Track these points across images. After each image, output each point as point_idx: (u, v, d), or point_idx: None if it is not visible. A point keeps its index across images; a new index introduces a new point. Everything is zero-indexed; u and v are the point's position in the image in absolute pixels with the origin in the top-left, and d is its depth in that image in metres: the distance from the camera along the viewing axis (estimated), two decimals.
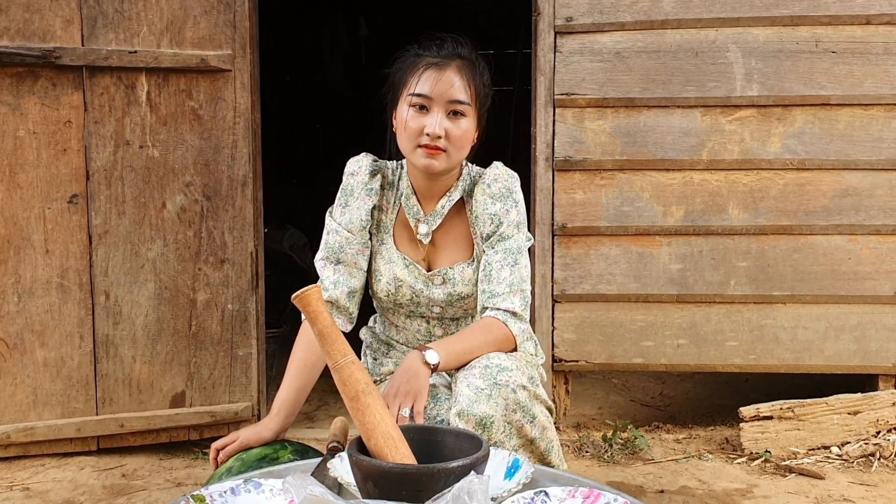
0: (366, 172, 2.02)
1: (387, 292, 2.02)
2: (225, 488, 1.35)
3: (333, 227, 2.02)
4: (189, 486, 2.69)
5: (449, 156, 1.90)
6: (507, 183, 1.99)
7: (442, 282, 2.00)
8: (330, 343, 1.37)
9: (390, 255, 2.02)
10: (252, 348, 3.01)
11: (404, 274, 2.00)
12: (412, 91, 1.89)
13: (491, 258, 1.94)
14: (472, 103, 1.90)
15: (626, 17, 3.17)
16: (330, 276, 2.00)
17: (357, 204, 2.01)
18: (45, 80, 2.75)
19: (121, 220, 2.86)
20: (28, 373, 2.83)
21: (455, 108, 1.88)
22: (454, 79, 1.88)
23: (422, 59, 1.92)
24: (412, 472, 1.23)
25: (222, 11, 2.88)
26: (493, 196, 1.96)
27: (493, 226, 1.95)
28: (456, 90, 1.88)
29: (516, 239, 1.95)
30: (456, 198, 2.01)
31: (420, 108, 1.89)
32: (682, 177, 3.21)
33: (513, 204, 1.97)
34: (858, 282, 3.19)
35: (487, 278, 1.93)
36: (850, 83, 3.14)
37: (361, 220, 2.00)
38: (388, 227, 2.05)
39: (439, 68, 1.89)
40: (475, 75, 1.92)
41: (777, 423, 2.99)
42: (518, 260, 1.93)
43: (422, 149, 1.89)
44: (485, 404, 1.71)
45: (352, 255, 2.00)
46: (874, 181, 3.17)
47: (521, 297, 1.91)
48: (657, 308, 3.25)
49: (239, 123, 2.92)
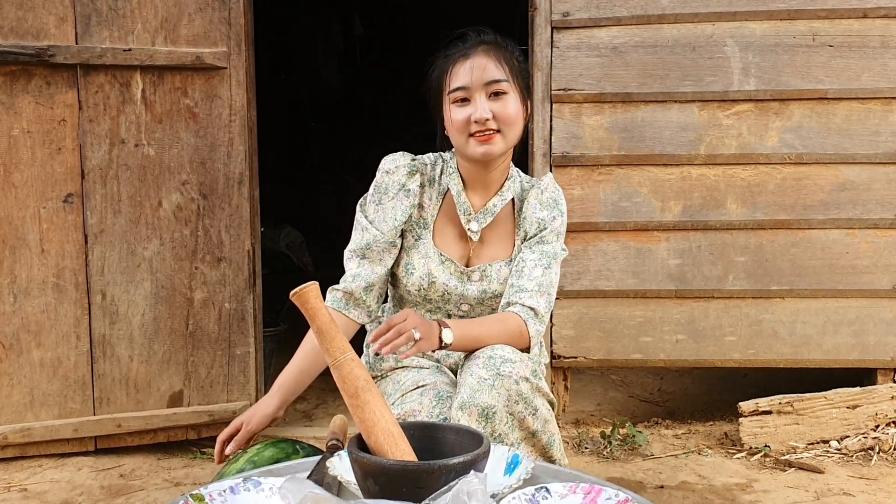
0: (403, 172, 2.01)
1: (419, 287, 2.01)
2: (224, 487, 1.34)
3: (364, 223, 2.01)
4: (187, 486, 2.68)
5: (504, 135, 1.91)
6: (556, 195, 2.04)
7: (479, 278, 2.00)
8: (329, 340, 1.36)
9: (427, 250, 2.01)
10: (250, 347, 3.00)
11: (439, 270, 1.99)
12: (450, 88, 1.91)
13: (526, 256, 1.96)
14: (510, 80, 1.90)
15: (623, 11, 3.17)
16: (353, 269, 2.00)
17: (392, 204, 2.00)
18: (39, 78, 2.74)
19: (116, 219, 2.84)
20: (24, 373, 2.81)
21: (495, 89, 1.89)
22: (485, 62, 1.89)
23: (451, 58, 1.94)
24: (413, 469, 1.22)
25: (217, 8, 2.87)
26: (543, 203, 2.01)
27: (538, 229, 1.99)
28: (490, 71, 1.89)
29: (554, 246, 1.99)
30: (508, 198, 2.03)
31: (462, 101, 1.90)
32: (680, 172, 3.20)
33: (559, 213, 2.01)
34: (856, 276, 3.19)
35: (518, 273, 1.94)
36: (847, 77, 3.14)
37: (395, 221, 1.99)
38: (428, 223, 2.03)
39: (467, 58, 1.91)
40: (506, 53, 1.93)
41: (776, 418, 2.98)
42: (551, 265, 1.96)
43: (474, 138, 1.89)
44: (487, 394, 1.71)
45: (377, 252, 2.00)
46: (872, 175, 3.16)
47: (547, 300, 1.93)
48: (655, 304, 3.24)
49: (235, 121, 2.91)
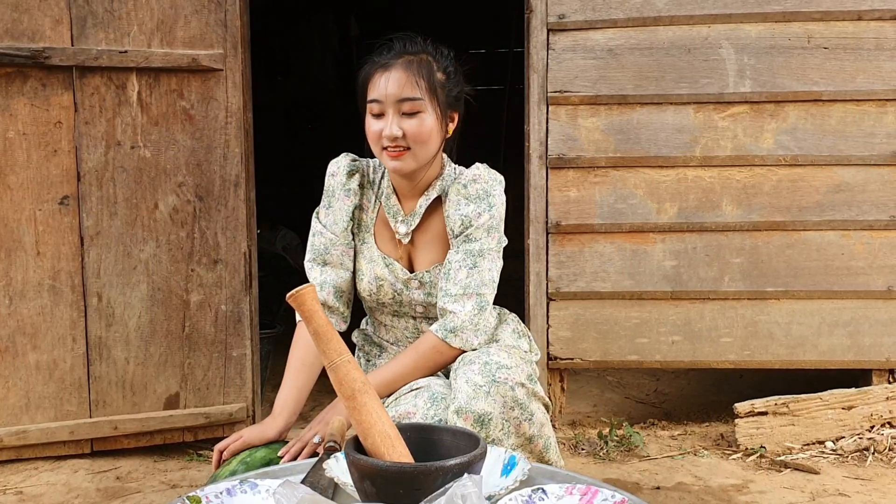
0: (343, 173, 2.03)
1: (369, 291, 2.02)
2: (221, 489, 1.34)
3: (318, 228, 2.03)
4: (184, 488, 2.68)
5: (414, 154, 1.88)
6: (487, 186, 1.94)
7: (419, 285, 2.00)
8: (325, 342, 1.36)
9: (371, 254, 2.02)
10: (246, 349, 3.00)
11: (385, 273, 2.00)
12: (367, 99, 1.90)
13: (452, 258, 1.94)
14: (425, 97, 1.87)
15: (619, 14, 3.17)
16: (317, 278, 2.01)
17: (338, 205, 2.02)
18: (34, 80, 2.74)
19: (112, 221, 2.84)
20: (20, 376, 2.81)
21: (407, 108, 1.86)
22: (401, 77, 1.86)
23: (374, 65, 1.91)
24: (409, 471, 1.22)
25: (213, 11, 2.87)
26: (467, 197, 1.94)
27: (463, 227, 1.93)
28: (404, 88, 1.85)
29: (482, 242, 1.92)
30: (433, 196, 1.99)
31: (377, 114, 1.89)
32: (676, 174, 3.21)
33: (487, 207, 1.92)
34: (852, 277, 3.20)
35: (445, 277, 1.93)
36: (842, 79, 3.15)
37: (343, 222, 2.01)
38: (369, 226, 2.05)
39: (385, 70, 1.88)
40: (426, 69, 1.89)
41: (772, 419, 2.99)
42: (478, 263, 1.91)
43: (386, 152, 1.89)
44: (483, 401, 1.71)
45: (337, 255, 2.01)
46: (866, 177, 3.17)
47: (475, 302, 1.89)
48: (651, 305, 3.25)
49: (231, 123, 2.91)
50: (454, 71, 1.96)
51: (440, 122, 1.91)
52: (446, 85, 1.93)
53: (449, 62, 1.96)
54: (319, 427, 1.86)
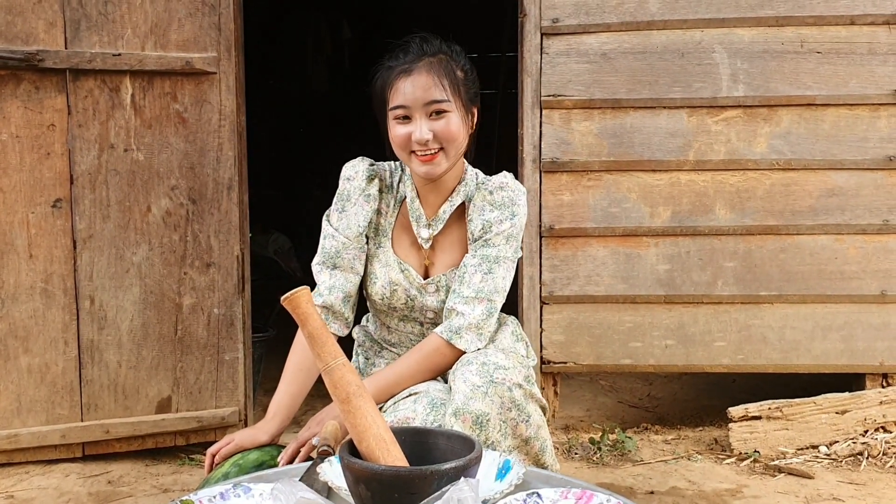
0: (363, 178, 2.01)
1: (381, 296, 2.01)
2: (214, 493, 1.33)
3: (330, 231, 2.01)
4: (176, 492, 2.66)
5: (446, 153, 1.89)
6: (513, 195, 1.96)
7: (435, 290, 1.99)
8: (320, 345, 1.35)
9: (387, 258, 2.01)
10: (238, 353, 2.99)
11: (400, 278, 2.00)
12: (391, 105, 1.89)
13: (468, 261, 1.94)
14: (451, 98, 1.88)
15: (612, 18, 3.18)
16: (326, 281, 2.00)
17: (354, 210, 2.00)
18: (27, 83, 2.73)
19: (105, 224, 2.83)
20: (12, 379, 2.79)
21: (435, 109, 1.87)
22: (425, 80, 1.86)
23: (393, 70, 1.91)
24: (405, 475, 1.21)
25: (207, 14, 2.86)
26: (492, 203, 1.96)
27: (483, 231, 1.95)
28: (430, 91, 1.86)
29: (500, 249, 1.93)
30: (457, 202, 2.00)
31: (403, 118, 1.88)
32: (669, 178, 3.22)
33: (510, 215, 1.94)
34: (845, 281, 3.21)
35: (459, 279, 1.93)
36: (835, 83, 3.16)
37: (359, 227, 1.99)
38: (387, 231, 2.04)
39: (408, 74, 1.87)
40: (447, 68, 1.90)
41: (765, 423, 2.99)
42: (493, 269, 1.92)
43: (416, 156, 1.88)
44: (481, 401, 1.71)
45: (348, 260, 2.00)
46: (860, 181, 3.18)
47: (485, 307, 1.90)
48: (645, 309, 3.25)
49: (224, 126, 2.90)
50: (470, 68, 1.98)
51: (465, 119, 1.93)
52: (465, 82, 1.94)
53: (465, 59, 1.97)
54: (318, 428, 1.86)
